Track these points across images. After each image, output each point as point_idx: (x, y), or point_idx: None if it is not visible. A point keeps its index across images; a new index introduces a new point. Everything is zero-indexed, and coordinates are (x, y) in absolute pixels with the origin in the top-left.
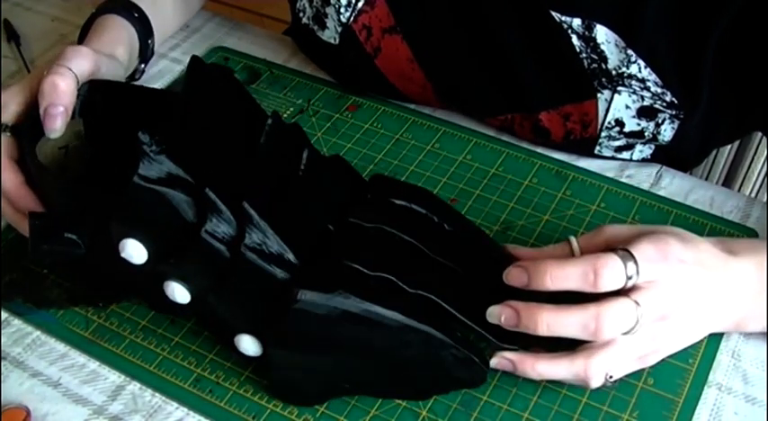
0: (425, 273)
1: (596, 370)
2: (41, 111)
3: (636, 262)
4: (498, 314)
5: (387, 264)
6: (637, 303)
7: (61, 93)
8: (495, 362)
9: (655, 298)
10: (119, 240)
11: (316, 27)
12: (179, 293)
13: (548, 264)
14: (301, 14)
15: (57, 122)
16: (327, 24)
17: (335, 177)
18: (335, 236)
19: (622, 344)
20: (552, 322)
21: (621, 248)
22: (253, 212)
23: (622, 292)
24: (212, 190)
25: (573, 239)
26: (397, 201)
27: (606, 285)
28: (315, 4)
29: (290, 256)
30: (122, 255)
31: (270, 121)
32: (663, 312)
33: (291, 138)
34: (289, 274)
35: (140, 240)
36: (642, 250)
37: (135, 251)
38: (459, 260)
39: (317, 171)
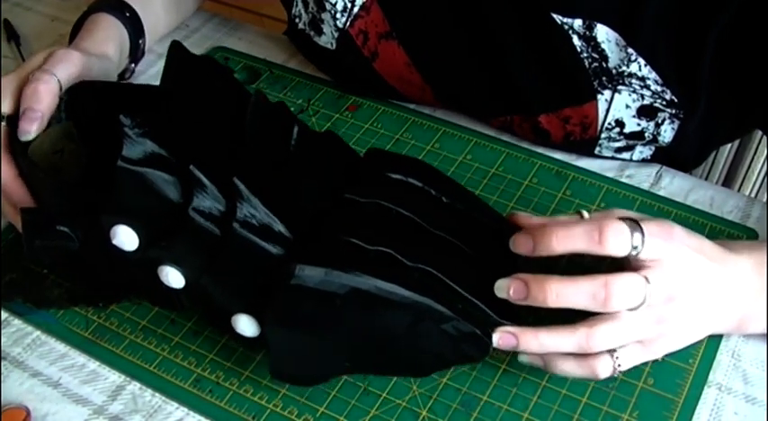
0: (424, 247)
1: (599, 340)
2: (20, 112)
3: (642, 232)
4: (507, 287)
5: (385, 239)
6: (646, 280)
7: (40, 98)
8: (496, 338)
9: (663, 277)
10: (109, 227)
11: (312, 32)
12: (173, 278)
13: (553, 226)
14: (297, 20)
15: (31, 126)
16: (324, 30)
17: (329, 153)
18: (331, 212)
19: (626, 318)
20: (561, 291)
21: (628, 218)
22: (243, 187)
23: (630, 269)
24: (197, 167)
25: (584, 212)
26: (393, 175)
27: (612, 246)
28: (311, 9)
29: (283, 230)
30: (114, 242)
31: (253, 99)
32: (669, 293)
33: (277, 115)
34: (283, 250)
35: (130, 225)
36: (648, 225)
37: (126, 237)
38: (458, 233)
39: (310, 147)
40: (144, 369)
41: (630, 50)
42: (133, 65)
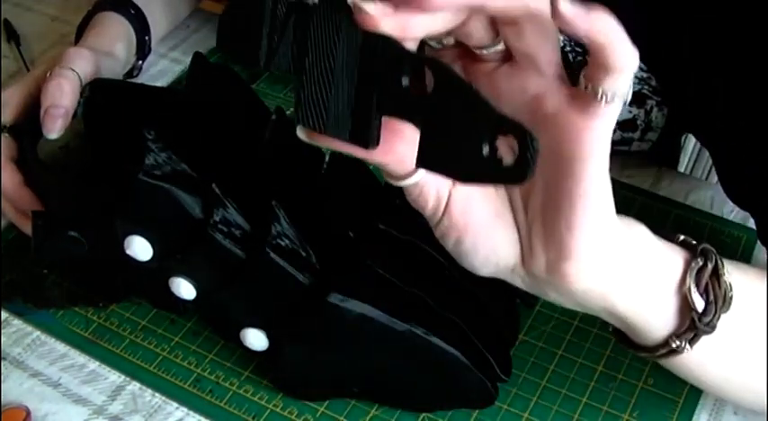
0: (451, 295)
1: None
2: (42, 112)
3: None
4: None
5: (420, 281)
6: None
7: (66, 94)
8: None
9: None
10: (124, 237)
11: None
12: (185, 289)
13: None
14: None
15: (57, 123)
16: None
17: (353, 178)
18: (367, 241)
19: None
20: None
21: None
22: (282, 213)
23: None
24: (218, 185)
25: None
26: None
27: None
28: None
29: (312, 258)
30: (128, 252)
31: (274, 117)
32: None
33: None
34: (309, 276)
35: (146, 237)
36: None
37: (140, 248)
38: (478, 284)
39: (338, 172)
40: (144, 369)
41: None
42: (141, 62)
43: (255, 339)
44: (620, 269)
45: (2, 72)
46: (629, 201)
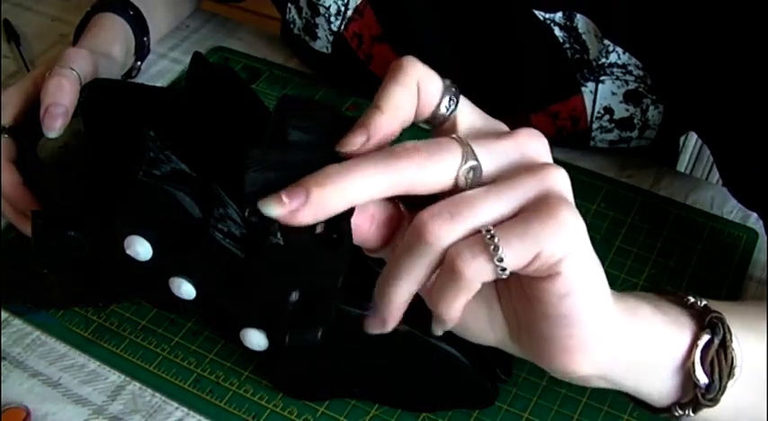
0: None
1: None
2: (42, 110)
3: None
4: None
5: None
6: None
7: (66, 93)
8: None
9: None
10: (123, 237)
11: (307, 38)
12: (185, 289)
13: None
14: (292, 26)
15: (57, 122)
16: (318, 34)
17: None
18: None
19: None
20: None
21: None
22: None
23: None
24: (218, 185)
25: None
26: None
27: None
28: (304, 15)
29: None
30: (127, 252)
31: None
32: None
33: None
34: None
35: (146, 237)
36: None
37: (140, 248)
38: None
39: None
40: (144, 369)
41: (607, 42)
42: (140, 63)
43: (255, 339)
44: (622, 355)
45: (2, 72)
46: (629, 201)
